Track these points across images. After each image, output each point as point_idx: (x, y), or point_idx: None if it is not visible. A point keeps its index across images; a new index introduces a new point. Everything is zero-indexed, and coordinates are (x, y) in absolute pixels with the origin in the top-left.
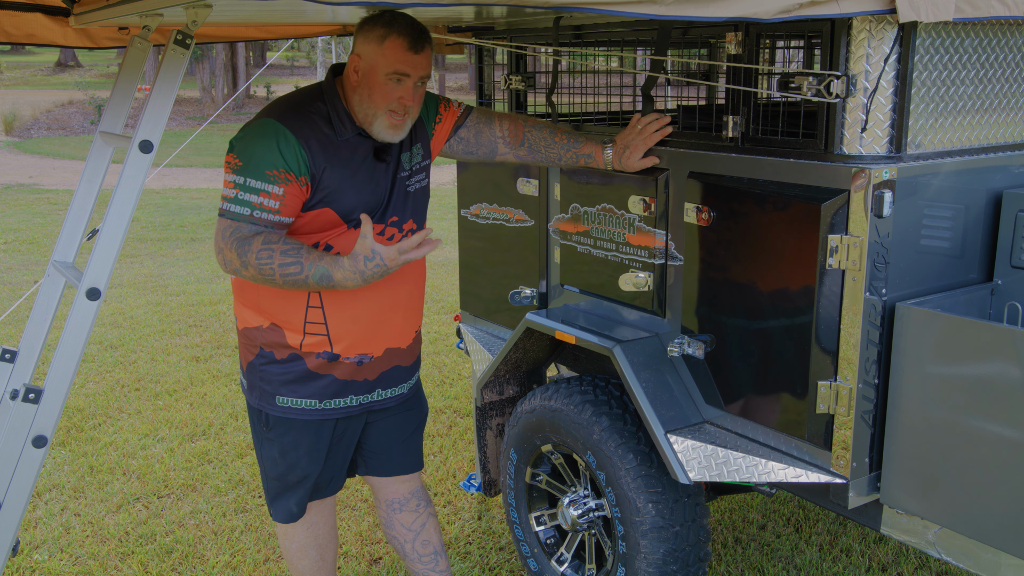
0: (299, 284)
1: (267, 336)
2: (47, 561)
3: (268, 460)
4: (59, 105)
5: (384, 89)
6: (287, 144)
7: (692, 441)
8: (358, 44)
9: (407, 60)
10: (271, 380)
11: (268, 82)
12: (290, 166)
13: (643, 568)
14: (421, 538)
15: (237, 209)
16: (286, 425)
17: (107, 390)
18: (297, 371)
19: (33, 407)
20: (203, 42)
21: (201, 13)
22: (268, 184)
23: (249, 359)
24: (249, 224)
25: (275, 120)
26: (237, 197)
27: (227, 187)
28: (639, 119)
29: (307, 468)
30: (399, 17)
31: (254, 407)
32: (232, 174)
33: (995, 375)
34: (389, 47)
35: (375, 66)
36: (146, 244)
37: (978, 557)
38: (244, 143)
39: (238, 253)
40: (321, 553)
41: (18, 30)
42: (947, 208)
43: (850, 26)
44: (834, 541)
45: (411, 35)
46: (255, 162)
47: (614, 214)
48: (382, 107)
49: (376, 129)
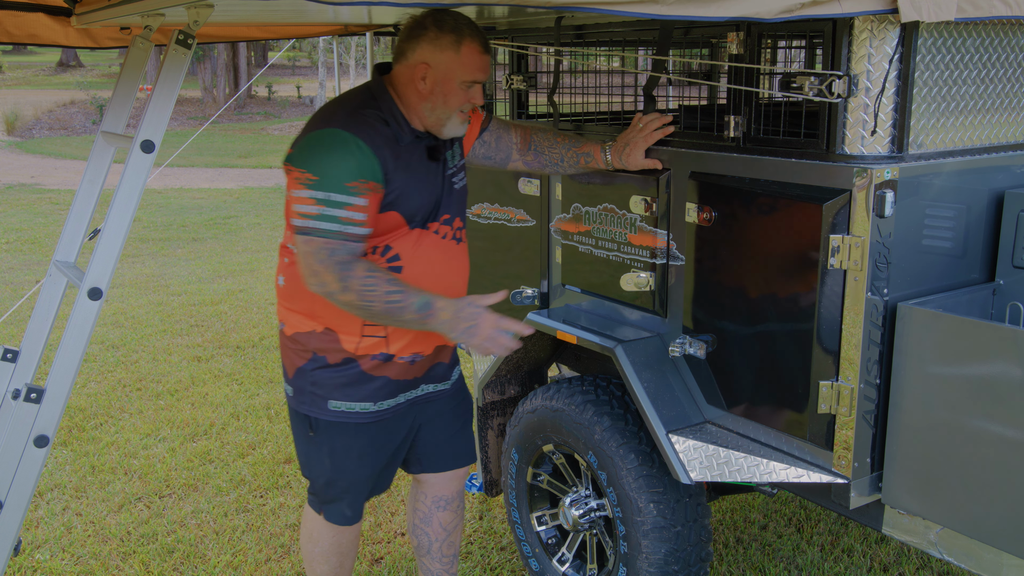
0: (396, 313)
1: (320, 341)
2: (49, 560)
3: (316, 466)
4: (61, 105)
5: (459, 94)
6: (361, 153)
7: (693, 441)
8: (424, 53)
9: (483, 64)
10: (324, 384)
11: (270, 82)
12: (367, 175)
13: (644, 568)
14: (450, 539)
15: (325, 226)
16: (337, 429)
17: (109, 390)
18: (351, 374)
19: (35, 407)
20: (205, 42)
21: (203, 13)
22: (351, 196)
23: (298, 364)
24: (340, 240)
25: (341, 129)
26: (323, 214)
27: (305, 203)
28: (640, 118)
29: (357, 472)
30: (460, 19)
31: (300, 413)
32: (308, 189)
33: (997, 375)
34: (466, 54)
35: (450, 75)
36: (148, 244)
37: (980, 557)
38: (312, 155)
39: (338, 277)
40: (341, 560)
41: (20, 30)
42: (949, 208)
43: (852, 26)
44: (836, 541)
45: (479, 36)
46: (333, 175)
47: (615, 214)
48: (455, 109)
49: (447, 129)
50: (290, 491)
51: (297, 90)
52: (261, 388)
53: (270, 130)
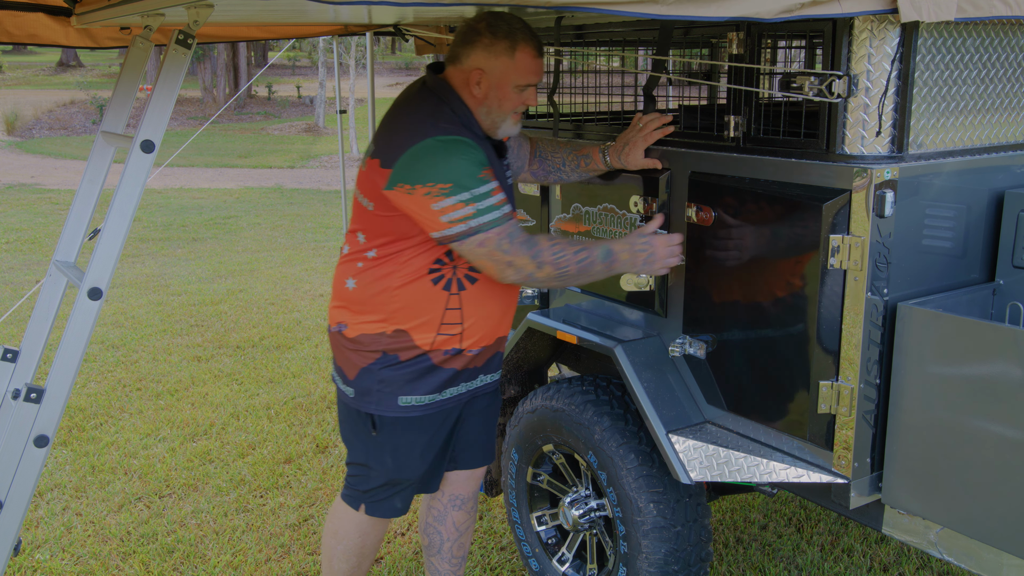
0: (588, 269)
1: (390, 341)
2: (49, 560)
3: (376, 465)
4: (61, 105)
5: (513, 98)
6: (468, 146)
7: (693, 441)
8: (478, 59)
9: (537, 68)
10: (393, 381)
11: (270, 82)
12: (484, 162)
13: (644, 568)
14: (460, 541)
15: (487, 218)
16: (403, 426)
17: (109, 390)
18: (422, 368)
19: (35, 407)
20: (205, 42)
21: (203, 13)
22: (488, 183)
23: (363, 365)
24: (508, 223)
25: (440, 135)
26: (479, 209)
27: (455, 210)
28: (640, 118)
29: (418, 468)
30: (514, 23)
31: (363, 413)
32: (449, 197)
33: (997, 375)
34: (521, 60)
35: (505, 80)
36: (148, 244)
37: (980, 557)
38: (428, 167)
39: (531, 256)
40: (360, 562)
41: (20, 30)
42: (949, 208)
43: (852, 26)
44: (836, 541)
45: (533, 39)
46: (462, 173)
47: (615, 214)
48: (509, 112)
49: (501, 130)
50: (290, 491)
51: (297, 90)
52: (261, 388)
53: (270, 130)
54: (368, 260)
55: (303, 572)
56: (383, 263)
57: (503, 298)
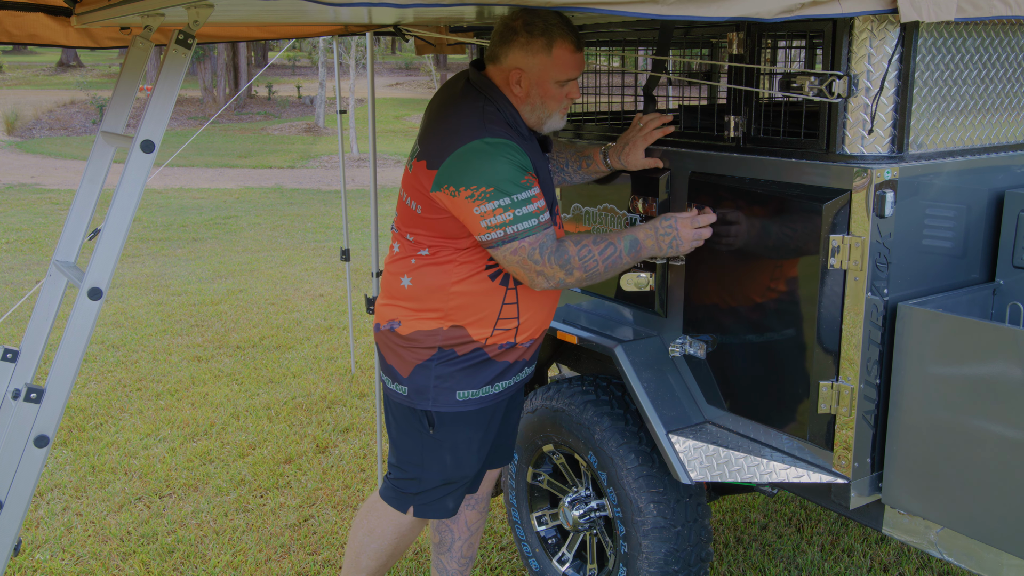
0: (616, 264)
1: (446, 337)
2: (49, 560)
3: (433, 465)
4: (61, 105)
5: (557, 93)
6: (512, 150)
7: (694, 441)
8: (516, 58)
9: (576, 62)
10: (450, 376)
11: (270, 82)
12: (527, 167)
13: (645, 568)
14: (470, 541)
15: (525, 225)
16: (462, 421)
17: (109, 390)
18: (479, 361)
19: (35, 407)
20: (205, 42)
21: (203, 13)
22: (529, 190)
23: (419, 361)
24: (543, 232)
25: (488, 137)
26: (517, 216)
27: (494, 215)
28: (640, 118)
29: (475, 464)
30: (550, 19)
31: (418, 411)
32: (491, 202)
33: (997, 375)
34: (559, 56)
35: (545, 77)
36: (148, 244)
37: (980, 557)
38: (472, 170)
39: (560, 264)
40: (388, 562)
41: (20, 30)
42: (949, 208)
43: (852, 26)
44: (836, 541)
45: (571, 34)
46: (503, 178)
47: (616, 214)
48: (555, 109)
49: (549, 125)
50: (290, 491)
51: (297, 90)
52: (261, 388)
53: (270, 130)
54: (422, 258)
55: (303, 572)
56: (439, 261)
57: (555, 291)
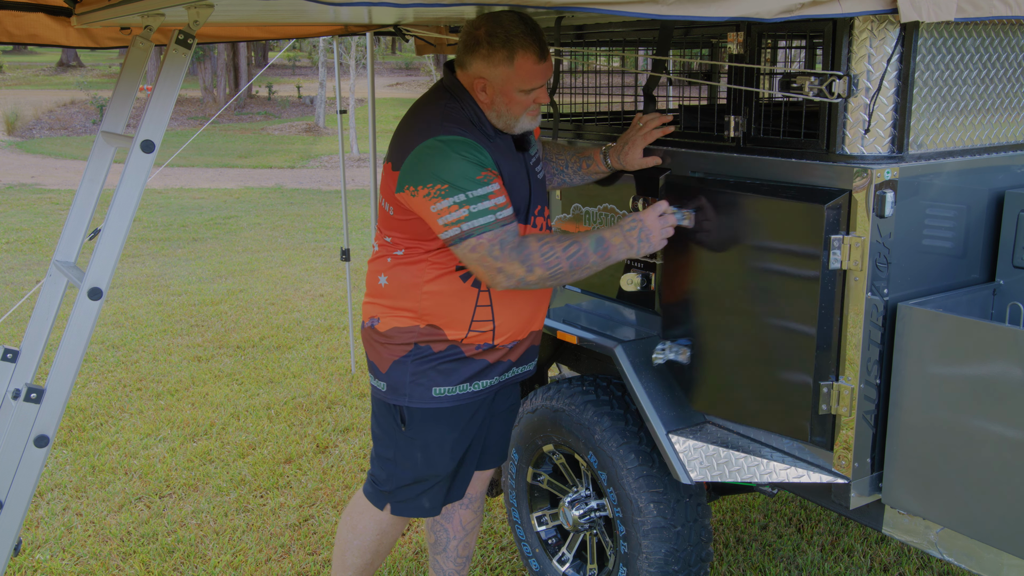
0: (581, 263)
1: (423, 334)
2: (49, 560)
3: (406, 462)
4: (61, 105)
5: (523, 100)
6: (470, 147)
7: (693, 441)
8: (479, 68)
9: (540, 71)
10: (425, 373)
11: (270, 82)
12: (486, 163)
13: (645, 568)
14: (466, 540)
15: (481, 222)
16: (433, 419)
17: (109, 390)
18: (453, 357)
19: (35, 407)
20: (205, 42)
21: (203, 13)
22: (487, 186)
23: (395, 358)
24: (501, 228)
25: (443, 135)
26: (472, 212)
27: (451, 212)
28: (640, 118)
29: (447, 464)
30: (512, 28)
31: (392, 406)
32: (447, 198)
33: (997, 375)
34: (521, 66)
35: (508, 87)
36: (148, 244)
37: (980, 557)
38: (429, 168)
39: (520, 260)
40: (373, 559)
41: (20, 30)
42: (949, 208)
43: (852, 26)
44: (836, 541)
45: (535, 43)
46: (460, 175)
47: (615, 214)
48: (520, 114)
49: (519, 126)
50: (290, 491)
51: (297, 90)
52: (261, 388)
53: (270, 130)
54: (397, 258)
55: (303, 572)
56: (412, 262)
57: (535, 293)
